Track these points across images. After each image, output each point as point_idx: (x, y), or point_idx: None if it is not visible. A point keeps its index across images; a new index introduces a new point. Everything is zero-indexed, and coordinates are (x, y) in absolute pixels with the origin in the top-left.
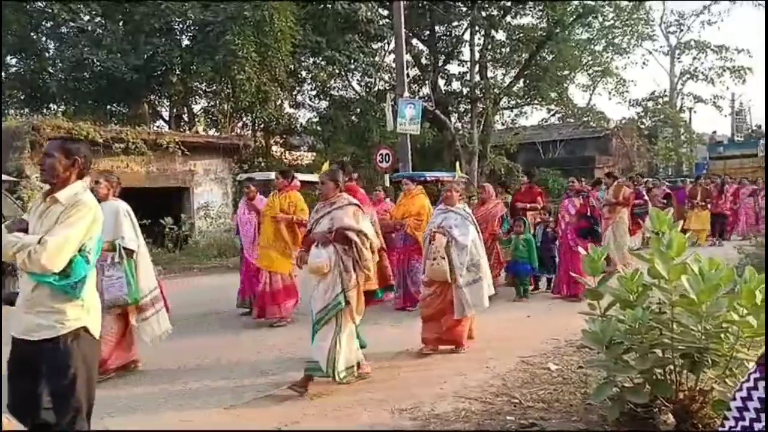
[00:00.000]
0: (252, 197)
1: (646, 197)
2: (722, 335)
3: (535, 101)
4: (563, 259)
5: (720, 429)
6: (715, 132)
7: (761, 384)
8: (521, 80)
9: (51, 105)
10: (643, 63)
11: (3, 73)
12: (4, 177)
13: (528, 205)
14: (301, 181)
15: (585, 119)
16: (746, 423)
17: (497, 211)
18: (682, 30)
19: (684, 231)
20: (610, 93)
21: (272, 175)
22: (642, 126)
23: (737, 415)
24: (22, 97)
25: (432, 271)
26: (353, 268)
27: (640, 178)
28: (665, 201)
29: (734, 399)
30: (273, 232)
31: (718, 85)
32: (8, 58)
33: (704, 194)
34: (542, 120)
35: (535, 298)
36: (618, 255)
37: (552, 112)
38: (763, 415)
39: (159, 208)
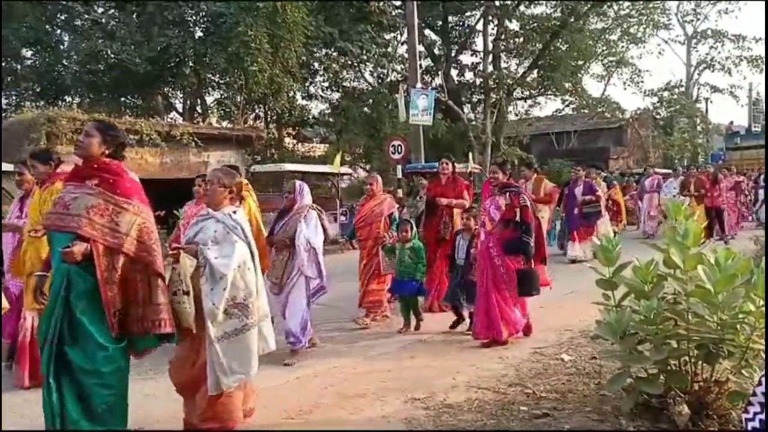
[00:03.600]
0: (28, 190)
1: (599, 192)
2: (738, 326)
3: (549, 92)
4: (481, 285)
5: (744, 415)
6: (731, 122)
7: None
8: (535, 70)
9: (66, 97)
10: (659, 53)
11: (19, 66)
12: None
13: (454, 201)
14: (315, 173)
15: (599, 110)
16: None
17: (383, 210)
18: (698, 19)
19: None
20: (625, 83)
21: (287, 166)
22: (657, 116)
23: (763, 400)
24: (37, 90)
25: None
26: None
27: (595, 169)
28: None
29: (760, 384)
30: (34, 251)
31: (735, 75)
32: (23, 50)
33: (698, 185)
34: (556, 111)
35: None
36: None
37: (566, 103)
38: None
39: (173, 200)
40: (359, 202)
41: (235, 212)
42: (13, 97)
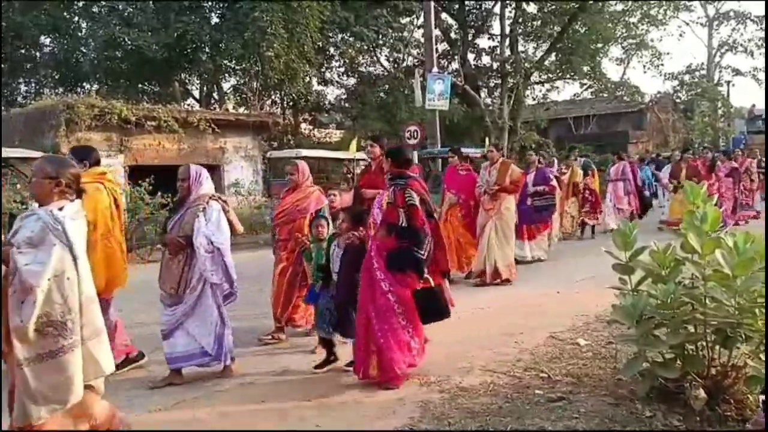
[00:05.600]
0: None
1: (554, 182)
2: (756, 310)
3: (567, 75)
4: (360, 310)
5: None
6: (754, 105)
7: None
8: (553, 54)
9: (85, 84)
10: (680, 35)
11: (38, 53)
12: (40, 154)
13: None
14: (331, 159)
15: (618, 93)
16: None
17: (309, 205)
18: (720, 0)
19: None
20: (644, 66)
21: (303, 152)
22: (678, 100)
23: None
24: (56, 77)
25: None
26: None
27: (569, 152)
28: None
29: None
30: None
31: (758, 57)
32: (42, 38)
33: (690, 173)
34: (574, 95)
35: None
36: (501, 261)
37: (584, 87)
38: None
39: None
40: (281, 195)
41: (61, 208)
42: (33, 85)
